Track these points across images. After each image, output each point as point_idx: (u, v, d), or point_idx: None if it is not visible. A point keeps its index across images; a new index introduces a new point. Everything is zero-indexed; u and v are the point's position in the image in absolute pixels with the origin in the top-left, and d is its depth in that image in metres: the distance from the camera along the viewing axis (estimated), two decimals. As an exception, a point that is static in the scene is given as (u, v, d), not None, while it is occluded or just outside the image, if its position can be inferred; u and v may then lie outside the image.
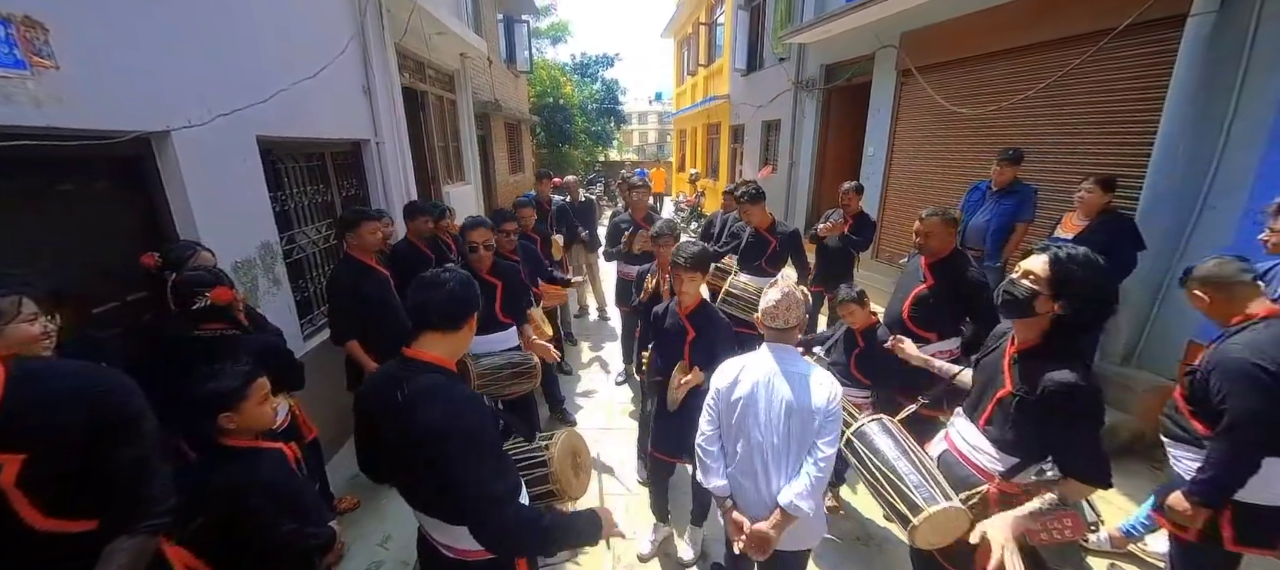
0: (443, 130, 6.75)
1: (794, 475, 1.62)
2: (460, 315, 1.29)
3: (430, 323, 1.27)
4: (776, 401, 1.62)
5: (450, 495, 1.22)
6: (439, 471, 1.18)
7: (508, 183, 10.98)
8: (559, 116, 18.53)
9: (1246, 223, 2.91)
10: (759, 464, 1.65)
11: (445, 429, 1.16)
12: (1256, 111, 2.89)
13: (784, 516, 1.60)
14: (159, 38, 2.16)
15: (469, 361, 2.56)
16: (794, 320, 1.67)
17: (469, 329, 1.34)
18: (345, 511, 2.91)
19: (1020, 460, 1.50)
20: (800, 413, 1.60)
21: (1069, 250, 1.41)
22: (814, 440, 1.60)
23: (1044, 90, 4.14)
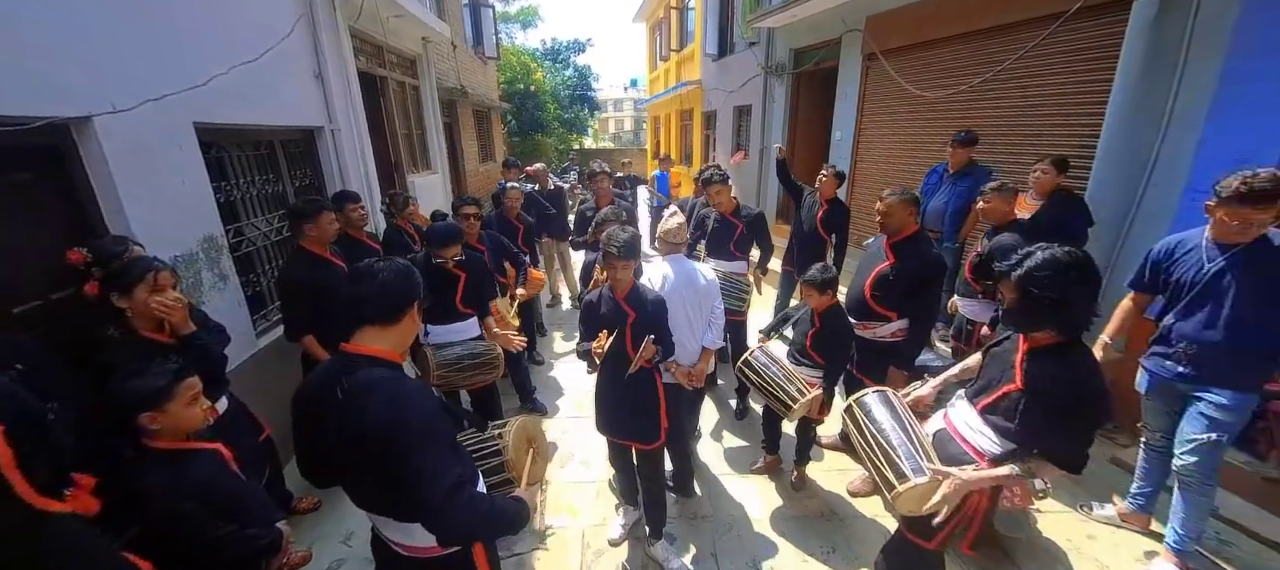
0: (405, 117, 6.54)
1: (706, 329, 2.51)
2: (398, 307, 1.24)
3: (365, 317, 1.21)
4: (684, 290, 2.45)
5: (400, 490, 1.18)
6: (387, 466, 1.14)
7: (478, 172, 10.75)
8: (530, 104, 18.20)
9: (1187, 199, 3.04)
10: (685, 330, 2.44)
11: (391, 422, 1.12)
12: (1196, 93, 3.00)
13: (707, 352, 2.53)
14: (77, 16, 2.01)
15: (429, 353, 2.51)
16: (681, 239, 2.54)
17: (411, 321, 1.28)
18: (306, 512, 2.83)
19: (1016, 448, 1.54)
20: (698, 292, 2.48)
21: (1032, 264, 1.37)
22: (711, 304, 2.53)
23: (1000, 73, 4.23)
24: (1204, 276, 2.07)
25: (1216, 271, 2.04)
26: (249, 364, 2.86)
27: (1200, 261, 2.09)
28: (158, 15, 2.40)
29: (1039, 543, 2.53)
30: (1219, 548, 2.47)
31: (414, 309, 1.27)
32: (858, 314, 2.63)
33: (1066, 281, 1.34)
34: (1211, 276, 2.05)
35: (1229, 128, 2.86)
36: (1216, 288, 2.04)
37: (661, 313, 2.25)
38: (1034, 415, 1.46)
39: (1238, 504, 2.66)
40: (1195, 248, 2.12)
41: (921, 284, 2.44)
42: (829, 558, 2.51)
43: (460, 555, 1.39)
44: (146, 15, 2.34)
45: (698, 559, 2.54)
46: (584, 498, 2.97)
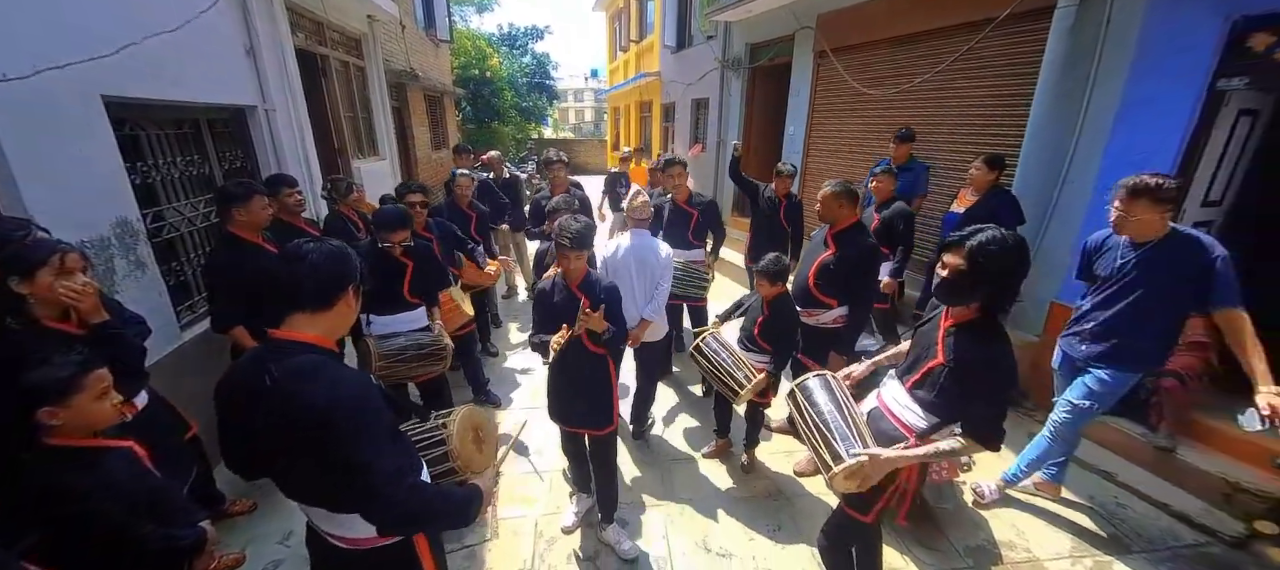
0: (350, 100, 6.22)
1: (647, 302, 2.81)
2: (329, 291, 1.18)
3: (294, 301, 1.16)
4: (634, 260, 2.81)
5: (336, 477, 1.13)
6: (323, 453, 1.10)
7: (430, 160, 10.39)
8: (486, 90, 17.69)
9: (1097, 198, 3.31)
10: (629, 299, 2.71)
11: (326, 407, 1.07)
12: (1107, 97, 3.26)
13: (644, 323, 2.82)
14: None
15: (371, 343, 2.42)
16: (645, 214, 2.88)
17: (345, 306, 1.23)
18: (241, 514, 2.69)
19: (940, 421, 1.63)
20: (648, 265, 2.82)
21: (984, 238, 1.46)
22: (657, 279, 2.82)
23: (940, 73, 4.46)
24: (1119, 270, 2.27)
25: (1129, 265, 2.25)
26: (172, 358, 2.66)
27: (1116, 257, 2.29)
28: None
29: (965, 512, 2.73)
30: (1116, 510, 2.74)
31: (348, 293, 1.21)
32: (802, 301, 2.73)
33: (1009, 259, 1.44)
34: (1125, 270, 2.26)
35: (1133, 131, 3.13)
36: (1129, 280, 2.25)
37: (615, 301, 2.26)
38: (954, 387, 1.56)
39: (1135, 471, 2.95)
40: (1115, 246, 2.33)
41: (859, 273, 2.57)
42: (775, 535, 2.61)
43: (401, 547, 1.36)
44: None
45: (650, 541, 2.58)
46: (538, 488, 2.96)
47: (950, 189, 4.27)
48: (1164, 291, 2.17)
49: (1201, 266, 2.07)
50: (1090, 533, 2.61)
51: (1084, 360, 2.41)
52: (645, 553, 2.51)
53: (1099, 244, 2.43)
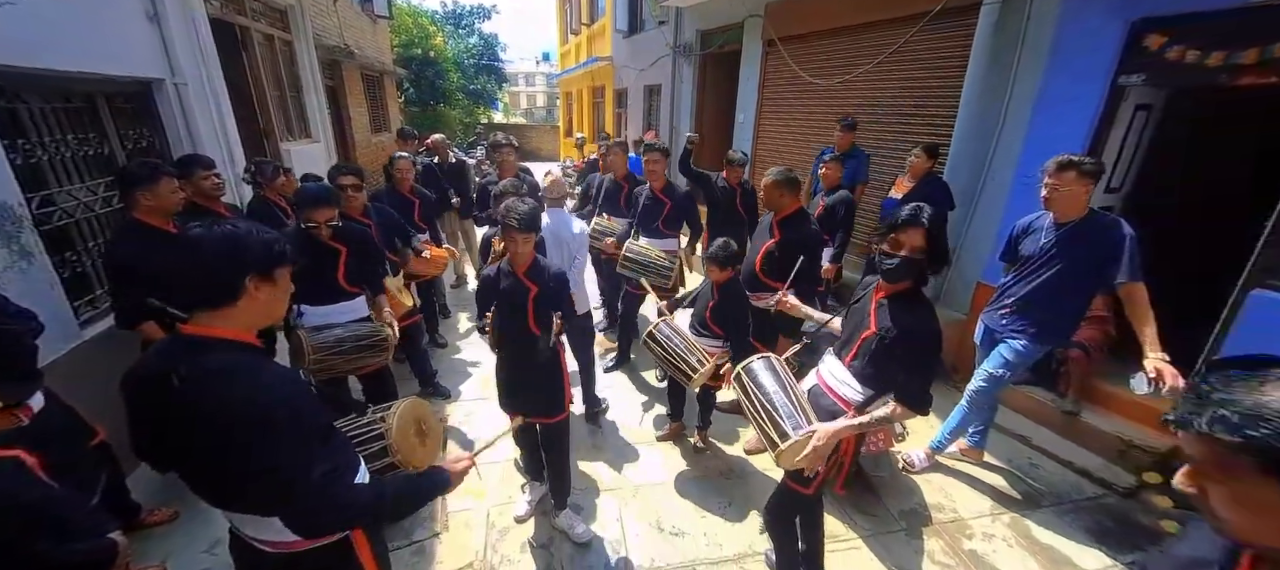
0: (276, 77, 5.78)
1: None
2: (229, 283, 1.05)
3: (191, 296, 1.05)
4: (552, 237, 2.97)
5: (254, 484, 1.06)
6: (236, 461, 1.02)
7: (370, 143, 9.85)
8: (430, 71, 16.91)
9: (1018, 186, 3.56)
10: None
11: (238, 415, 0.99)
12: (1026, 91, 3.51)
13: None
14: None
15: (303, 336, 2.27)
16: (559, 192, 3.08)
17: (257, 295, 1.10)
18: (160, 524, 2.49)
19: (876, 391, 1.72)
20: (562, 241, 3.01)
21: (930, 215, 1.58)
22: (572, 253, 3.02)
23: (879, 65, 4.65)
24: (1043, 249, 2.46)
25: (1052, 244, 2.43)
26: (71, 357, 2.40)
27: (1041, 237, 2.48)
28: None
29: (899, 480, 2.91)
30: (1030, 469, 3.01)
31: (253, 282, 1.08)
32: (750, 286, 2.80)
33: (944, 234, 1.60)
34: (1048, 249, 2.44)
35: (1049, 123, 3.38)
36: (1049, 258, 2.44)
37: (563, 287, 2.23)
38: (886, 354, 1.66)
39: (1046, 434, 3.24)
40: (1040, 228, 2.51)
41: (803, 257, 2.65)
42: (726, 511, 2.69)
43: (337, 547, 1.29)
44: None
45: (605, 525, 2.60)
46: (490, 478, 2.90)
47: (888, 176, 4.48)
48: (1081, 268, 2.37)
49: (1114, 243, 2.27)
50: (1008, 491, 2.86)
51: (1003, 333, 2.61)
52: (600, 536, 2.53)
53: (1026, 226, 2.62)
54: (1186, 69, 2.75)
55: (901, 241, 1.60)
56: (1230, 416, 0.64)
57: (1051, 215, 2.46)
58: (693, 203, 3.85)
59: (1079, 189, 2.31)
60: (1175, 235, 3.92)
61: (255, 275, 1.07)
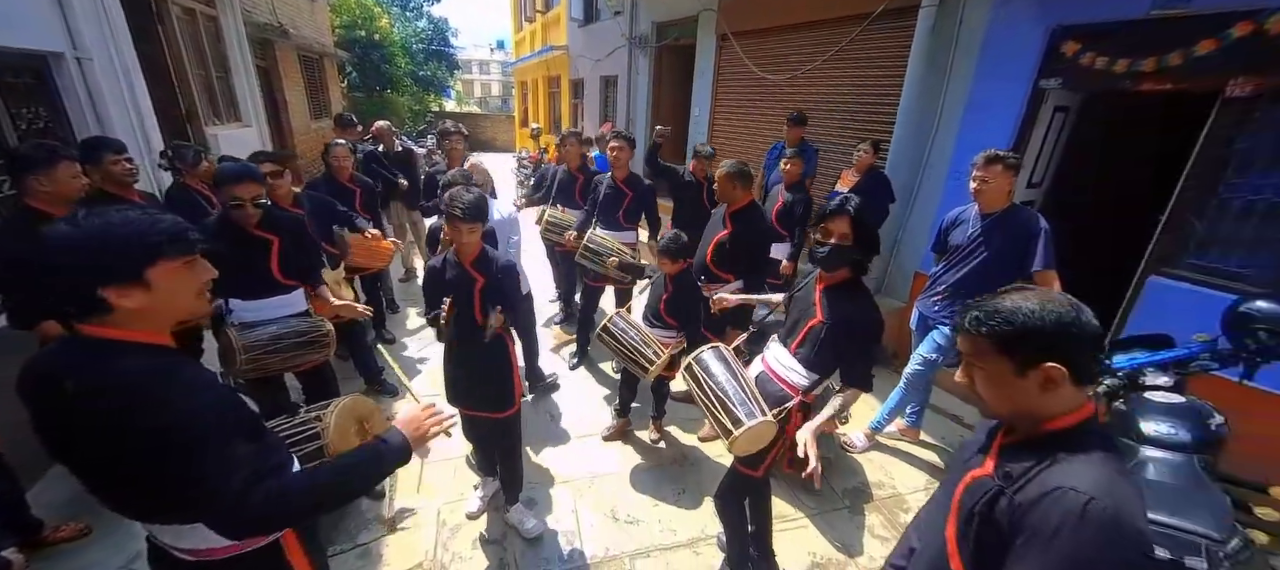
0: (200, 55, 5.35)
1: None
2: (80, 297, 0.91)
3: (71, 296, 0.92)
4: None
5: (167, 497, 0.98)
6: (146, 475, 0.94)
7: (309, 130, 9.29)
8: (375, 55, 16.12)
9: (951, 182, 3.78)
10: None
11: (143, 426, 0.91)
12: (960, 90, 3.72)
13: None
14: None
15: (232, 334, 2.12)
16: (481, 179, 3.06)
17: (128, 304, 0.94)
18: (68, 540, 2.28)
19: (820, 376, 1.79)
20: (501, 226, 3.01)
21: (855, 204, 1.66)
22: (507, 235, 3.07)
23: (827, 61, 4.80)
24: (970, 239, 2.62)
25: (978, 234, 2.59)
26: (-45, 363, 2.15)
27: (969, 228, 2.64)
28: None
29: (842, 460, 3.06)
30: (958, 445, 3.22)
31: (114, 293, 0.92)
32: (701, 277, 2.84)
33: (873, 218, 1.69)
34: (975, 238, 2.60)
35: (978, 122, 3.61)
36: (976, 247, 2.60)
37: (511, 278, 2.19)
38: (831, 341, 1.74)
39: (975, 413, 3.46)
40: (968, 220, 2.67)
41: (753, 249, 2.72)
42: (680, 498, 2.74)
43: (266, 551, 1.23)
44: None
45: (560, 516, 2.59)
46: (441, 475, 2.83)
47: (836, 171, 4.65)
48: (1004, 256, 2.54)
49: (1031, 234, 2.45)
50: (942, 467, 3.05)
51: (936, 319, 2.78)
52: (554, 529, 2.51)
53: (955, 218, 2.79)
54: (1097, 74, 3.00)
55: (830, 230, 1.68)
56: (979, 315, 0.91)
57: (977, 207, 2.63)
58: (653, 196, 3.85)
59: (1004, 182, 2.48)
60: (1090, 229, 4.28)
61: (113, 285, 0.91)
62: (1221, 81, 2.58)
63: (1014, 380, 0.88)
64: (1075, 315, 0.85)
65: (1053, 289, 2.40)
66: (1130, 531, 0.76)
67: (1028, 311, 0.86)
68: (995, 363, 0.90)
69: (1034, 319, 0.85)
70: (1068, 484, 0.80)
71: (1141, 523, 0.79)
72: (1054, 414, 0.89)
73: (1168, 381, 2.08)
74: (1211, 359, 2.06)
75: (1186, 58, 2.65)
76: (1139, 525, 0.78)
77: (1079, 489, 0.78)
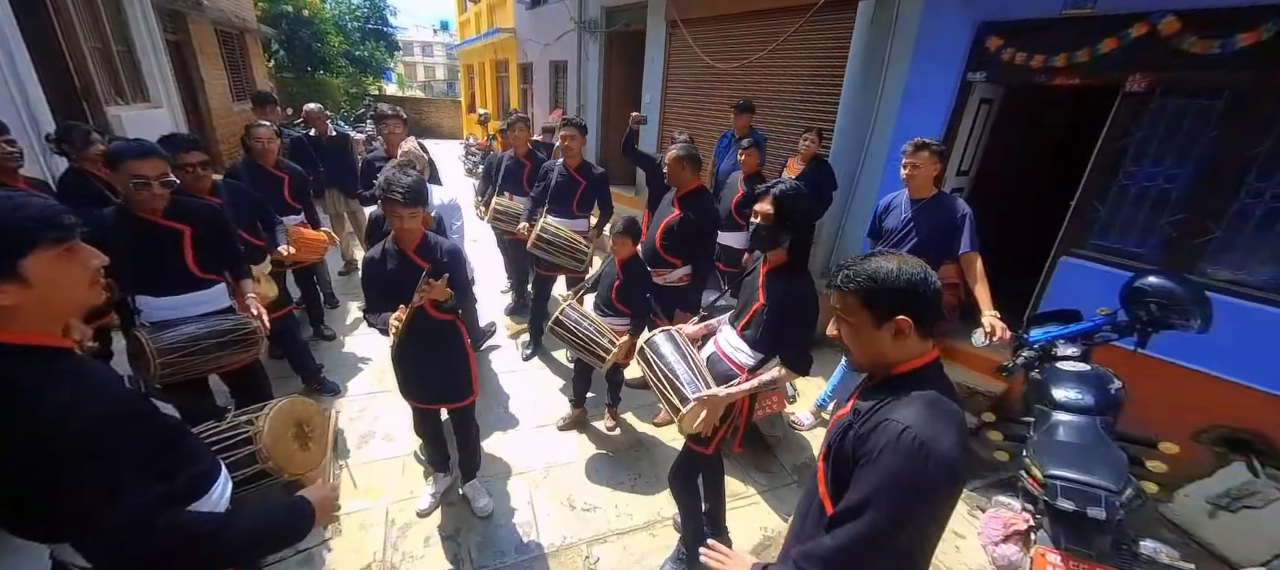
0: (96, 27, 4.80)
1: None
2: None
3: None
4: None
5: (52, 517, 0.89)
6: (31, 490, 0.84)
7: (230, 113, 8.58)
8: (305, 33, 15.04)
9: (890, 168, 3.97)
10: None
11: (32, 437, 0.82)
12: (897, 79, 3.89)
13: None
14: None
15: (142, 336, 1.93)
16: (419, 164, 2.88)
17: (32, 282, 0.86)
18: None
19: (764, 356, 1.83)
20: (445, 212, 3.00)
21: (783, 187, 1.71)
22: (452, 222, 3.05)
23: (774, 51, 4.89)
24: (903, 223, 2.75)
25: (909, 218, 2.73)
26: None
27: (901, 213, 2.77)
28: None
29: (791, 437, 3.18)
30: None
31: (23, 266, 0.84)
32: (651, 262, 2.86)
33: (803, 203, 1.73)
34: (906, 222, 2.74)
35: (913, 112, 3.79)
36: (908, 232, 2.75)
37: (458, 264, 2.11)
38: (771, 322, 1.79)
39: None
40: (899, 205, 2.81)
41: (701, 234, 2.76)
42: (635, 483, 2.77)
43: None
44: None
45: (516, 507, 2.56)
46: (388, 474, 2.72)
47: (783, 159, 4.78)
48: (933, 240, 2.70)
49: (956, 220, 2.61)
50: (881, 440, 3.23)
51: None
52: (510, 521, 2.48)
53: (887, 204, 2.93)
54: (1017, 68, 3.22)
55: (757, 211, 1.76)
56: (848, 274, 1.03)
57: (906, 193, 2.77)
58: (606, 184, 3.81)
59: (931, 168, 2.63)
60: (1011, 215, 4.61)
61: (15, 262, 0.83)
62: (1122, 77, 2.83)
63: (873, 331, 1.02)
64: (923, 277, 0.99)
65: (976, 270, 2.61)
66: (936, 456, 0.88)
67: (887, 272, 0.99)
68: (859, 315, 1.03)
69: (891, 278, 0.98)
70: (893, 417, 0.94)
71: (951, 449, 0.90)
72: (901, 360, 1.03)
73: (1076, 352, 2.30)
74: (1112, 330, 2.28)
75: (1092, 54, 2.89)
76: (945, 451, 0.89)
77: (898, 421, 0.92)
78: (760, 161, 4.58)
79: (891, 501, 0.89)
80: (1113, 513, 1.65)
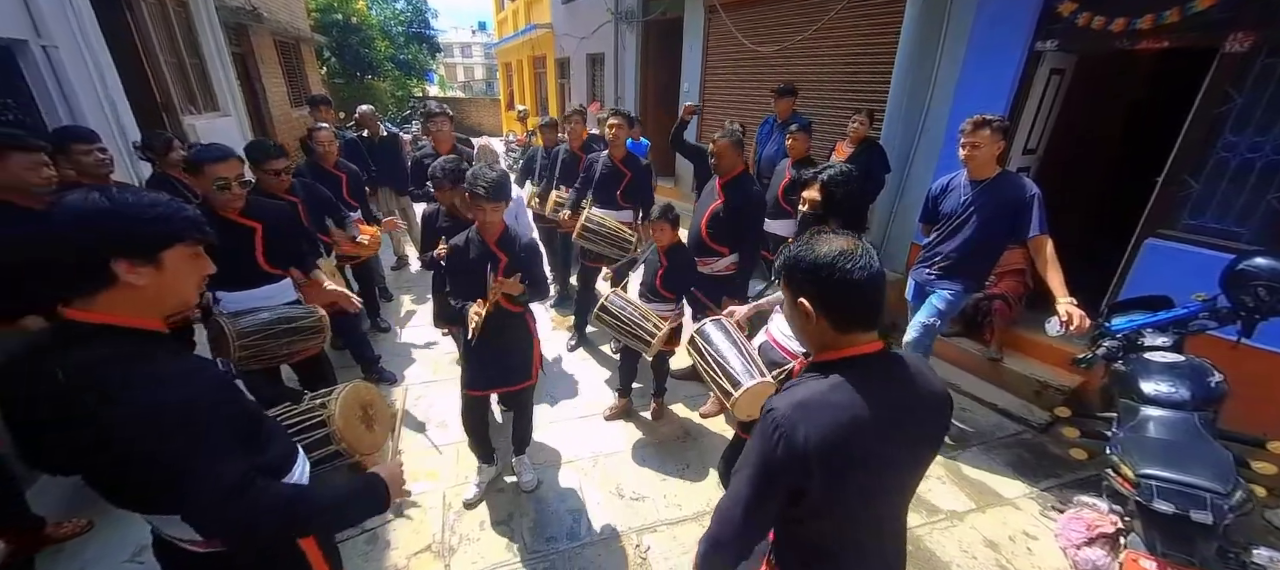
0: (172, 43, 5.16)
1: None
2: (88, 269, 0.89)
3: (47, 288, 0.90)
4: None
5: (162, 491, 0.95)
6: (141, 467, 0.91)
7: (289, 117, 9.06)
8: (354, 39, 15.71)
9: (948, 149, 3.75)
10: None
11: (137, 413, 0.87)
12: (954, 55, 3.67)
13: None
14: None
15: (224, 323, 2.07)
16: (489, 159, 2.68)
17: (137, 281, 0.92)
18: (69, 537, 2.24)
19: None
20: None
21: (831, 172, 1.64)
22: (517, 215, 2.95)
23: (818, 32, 4.71)
24: (962, 206, 2.60)
25: (968, 200, 2.58)
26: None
27: (959, 196, 2.62)
28: None
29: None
30: (960, 413, 3.25)
31: (123, 266, 0.90)
32: (696, 251, 2.83)
33: (853, 187, 1.66)
34: (966, 206, 2.59)
35: (974, 89, 3.57)
36: (968, 214, 2.59)
37: (534, 256, 2.21)
38: None
39: (973, 381, 3.51)
40: (958, 187, 2.65)
41: (747, 220, 2.70)
42: (684, 473, 2.75)
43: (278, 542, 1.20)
44: None
45: (565, 495, 2.60)
46: (444, 460, 2.82)
47: (827, 143, 4.61)
48: (996, 223, 2.54)
49: (1023, 201, 2.43)
50: (941, 434, 3.08)
51: (932, 286, 2.78)
52: (559, 508, 2.52)
53: (944, 187, 2.77)
54: (1094, 34, 2.96)
55: (805, 197, 1.69)
56: (785, 263, 0.99)
57: (965, 174, 2.61)
58: (650, 176, 3.79)
59: (993, 147, 2.45)
60: (1085, 193, 4.28)
61: (126, 258, 0.90)
62: (1219, 38, 2.56)
63: (790, 309, 0.99)
64: (831, 261, 0.89)
65: (1047, 254, 2.43)
66: (787, 441, 0.86)
67: (798, 252, 0.95)
68: (791, 301, 0.99)
69: (799, 259, 0.94)
70: (774, 399, 0.94)
71: (803, 441, 0.86)
72: (819, 347, 0.99)
73: (1167, 341, 2.10)
74: (1211, 318, 2.07)
75: (1183, 14, 2.63)
76: (797, 440, 0.86)
77: (773, 403, 0.93)
78: (809, 145, 4.46)
79: (744, 473, 0.95)
80: (1220, 516, 1.50)
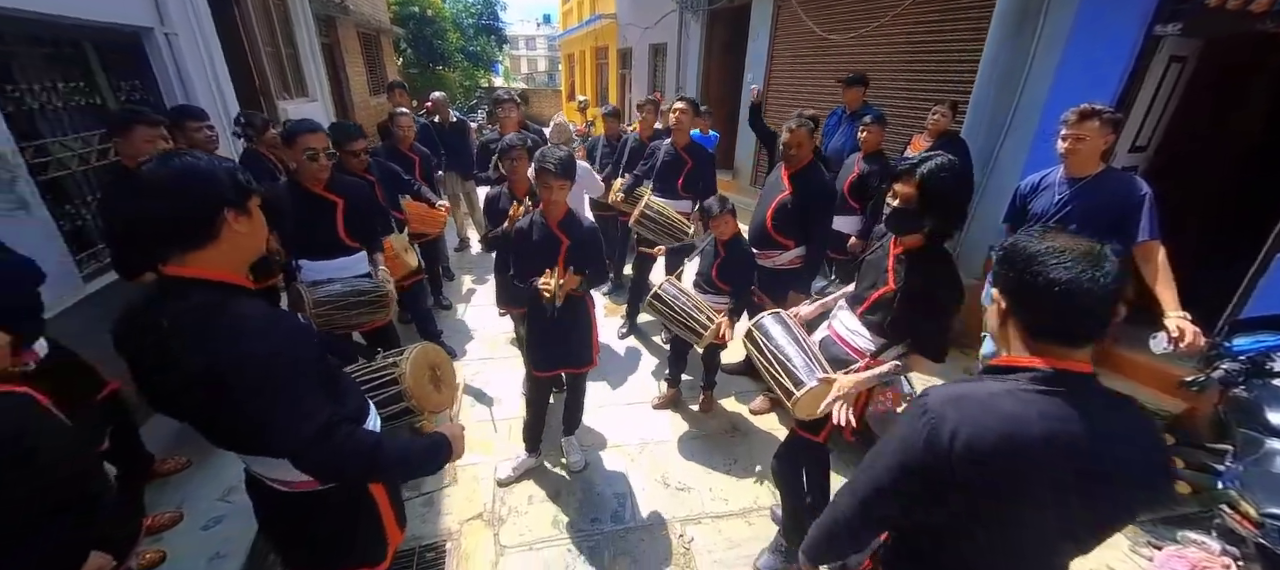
0: (270, 33, 5.61)
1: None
2: (206, 220, 0.99)
3: (166, 236, 0.98)
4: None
5: (255, 431, 1.03)
6: (235, 408, 0.99)
7: (368, 104, 9.66)
8: (428, 31, 16.48)
9: (1039, 145, 3.43)
10: None
11: (227, 360, 0.95)
12: (1054, 41, 3.34)
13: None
14: None
15: (302, 290, 2.24)
16: (564, 136, 3.32)
17: (238, 228, 1.02)
18: (172, 473, 2.52)
19: (888, 343, 1.70)
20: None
21: (932, 164, 1.47)
22: (581, 194, 3.17)
23: (893, 19, 4.44)
24: (1057, 205, 2.36)
25: (1064, 199, 2.34)
26: (77, 310, 2.39)
27: (1053, 194, 2.38)
28: None
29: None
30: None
31: (231, 214, 1.01)
32: (759, 243, 2.73)
33: (957, 184, 1.50)
34: (1062, 205, 2.34)
35: (1077, 75, 3.23)
36: (1063, 214, 2.35)
37: (595, 240, 2.22)
38: (905, 311, 1.62)
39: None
40: (1052, 184, 2.41)
41: (816, 212, 2.58)
42: (731, 468, 2.70)
43: (355, 487, 1.29)
44: None
45: (611, 481, 2.62)
46: (498, 437, 2.93)
47: (904, 135, 4.34)
48: (1097, 225, 2.28)
49: (1132, 202, 2.17)
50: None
51: None
52: (605, 491, 2.55)
53: (1035, 184, 2.52)
54: (1226, 16, 2.60)
55: (896, 191, 1.54)
56: (1002, 248, 0.95)
57: (1062, 170, 2.36)
58: (713, 166, 3.71)
59: (1099, 141, 2.19)
60: (1203, 195, 3.80)
61: (233, 208, 1.01)
62: (1393, 17, 2.17)
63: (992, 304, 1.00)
64: (1034, 254, 0.87)
65: (1157, 262, 2.16)
66: (934, 432, 0.86)
67: (1016, 239, 0.92)
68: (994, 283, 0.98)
69: (1011, 245, 0.92)
70: (924, 391, 0.95)
71: (946, 437, 0.84)
72: (1003, 350, 0.99)
73: (1302, 366, 1.83)
74: (1361, 342, 1.79)
75: (1348, -9, 2.25)
76: (943, 433, 0.85)
77: (926, 394, 0.93)
78: (882, 138, 4.22)
79: (878, 462, 0.95)
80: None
